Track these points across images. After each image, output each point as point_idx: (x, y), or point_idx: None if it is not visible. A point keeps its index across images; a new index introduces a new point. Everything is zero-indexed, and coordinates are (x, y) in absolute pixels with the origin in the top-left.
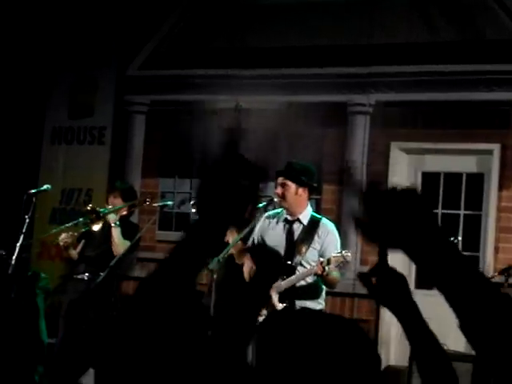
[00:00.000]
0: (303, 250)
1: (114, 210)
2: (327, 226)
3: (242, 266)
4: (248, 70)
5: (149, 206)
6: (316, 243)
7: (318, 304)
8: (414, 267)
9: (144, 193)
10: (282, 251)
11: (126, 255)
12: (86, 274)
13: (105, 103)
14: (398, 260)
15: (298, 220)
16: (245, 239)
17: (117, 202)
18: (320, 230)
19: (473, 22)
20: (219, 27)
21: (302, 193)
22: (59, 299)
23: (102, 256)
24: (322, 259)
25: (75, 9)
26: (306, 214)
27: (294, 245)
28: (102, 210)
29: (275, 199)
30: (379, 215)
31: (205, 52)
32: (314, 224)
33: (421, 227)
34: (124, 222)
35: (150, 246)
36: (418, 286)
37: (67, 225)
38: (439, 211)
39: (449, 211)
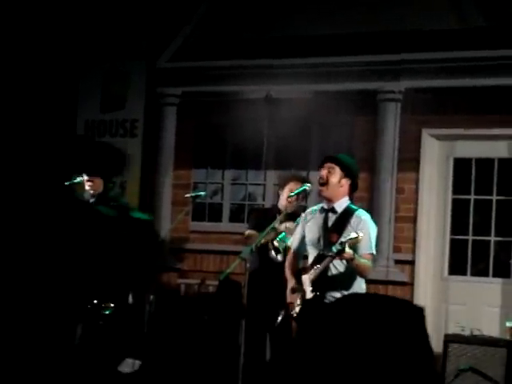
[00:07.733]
0: (335, 238)
1: None
2: (361, 216)
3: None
4: (278, 59)
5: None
6: (348, 232)
7: None
8: (447, 253)
9: (176, 185)
10: (320, 240)
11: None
12: None
13: (136, 96)
14: (431, 247)
15: (333, 209)
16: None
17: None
18: (352, 220)
19: (503, 8)
20: (248, 17)
21: (345, 184)
22: None
23: None
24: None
25: (106, 2)
26: (342, 203)
27: (327, 233)
28: None
29: (307, 187)
30: None
31: (235, 43)
32: (347, 213)
33: None
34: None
35: (183, 236)
36: (452, 272)
37: None
38: (471, 197)
39: (481, 197)
